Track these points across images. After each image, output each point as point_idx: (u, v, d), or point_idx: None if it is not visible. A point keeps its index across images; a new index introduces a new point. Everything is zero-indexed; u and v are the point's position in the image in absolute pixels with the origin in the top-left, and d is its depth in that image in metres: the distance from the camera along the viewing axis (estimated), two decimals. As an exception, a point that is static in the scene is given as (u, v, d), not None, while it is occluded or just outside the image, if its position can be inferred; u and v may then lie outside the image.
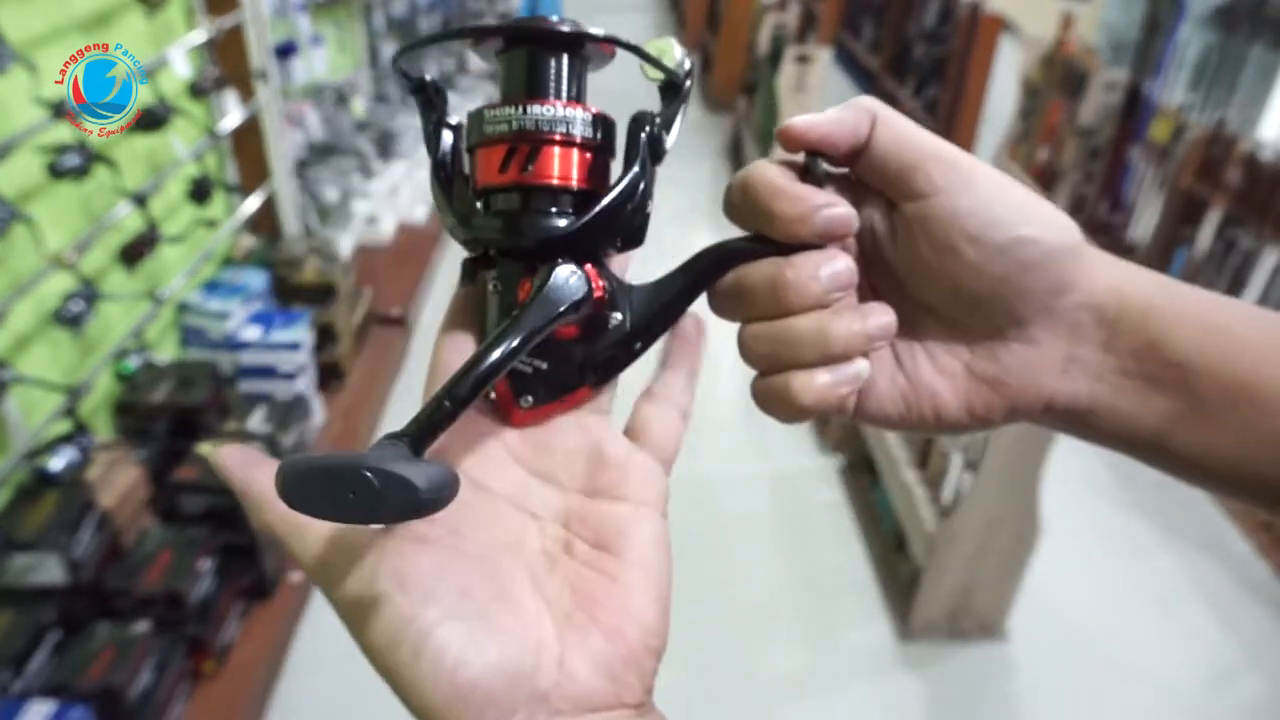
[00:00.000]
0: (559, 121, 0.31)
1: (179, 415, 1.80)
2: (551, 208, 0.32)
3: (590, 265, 0.32)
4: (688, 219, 3.72)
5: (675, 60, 0.33)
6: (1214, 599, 2.05)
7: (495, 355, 0.28)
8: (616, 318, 0.33)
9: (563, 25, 0.31)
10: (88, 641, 1.41)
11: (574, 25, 0.32)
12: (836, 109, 0.33)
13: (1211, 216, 2.56)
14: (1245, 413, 0.31)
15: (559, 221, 0.32)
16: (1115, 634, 1.97)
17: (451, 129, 0.34)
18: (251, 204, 2.35)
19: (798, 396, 0.32)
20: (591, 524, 0.31)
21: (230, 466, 0.30)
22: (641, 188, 0.32)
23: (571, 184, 0.32)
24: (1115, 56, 4.74)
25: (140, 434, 1.78)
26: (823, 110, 0.32)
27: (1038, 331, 0.33)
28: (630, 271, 0.36)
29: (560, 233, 0.31)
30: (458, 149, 0.34)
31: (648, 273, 0.36)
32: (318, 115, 2.95)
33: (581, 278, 0.31)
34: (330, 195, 2.97)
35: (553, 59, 0.32)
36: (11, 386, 1.45)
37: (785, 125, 0.32)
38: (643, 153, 0.32)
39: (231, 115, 2.23)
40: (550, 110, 0.31)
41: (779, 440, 2.48)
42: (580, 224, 0.31)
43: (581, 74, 0.33)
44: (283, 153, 2.50)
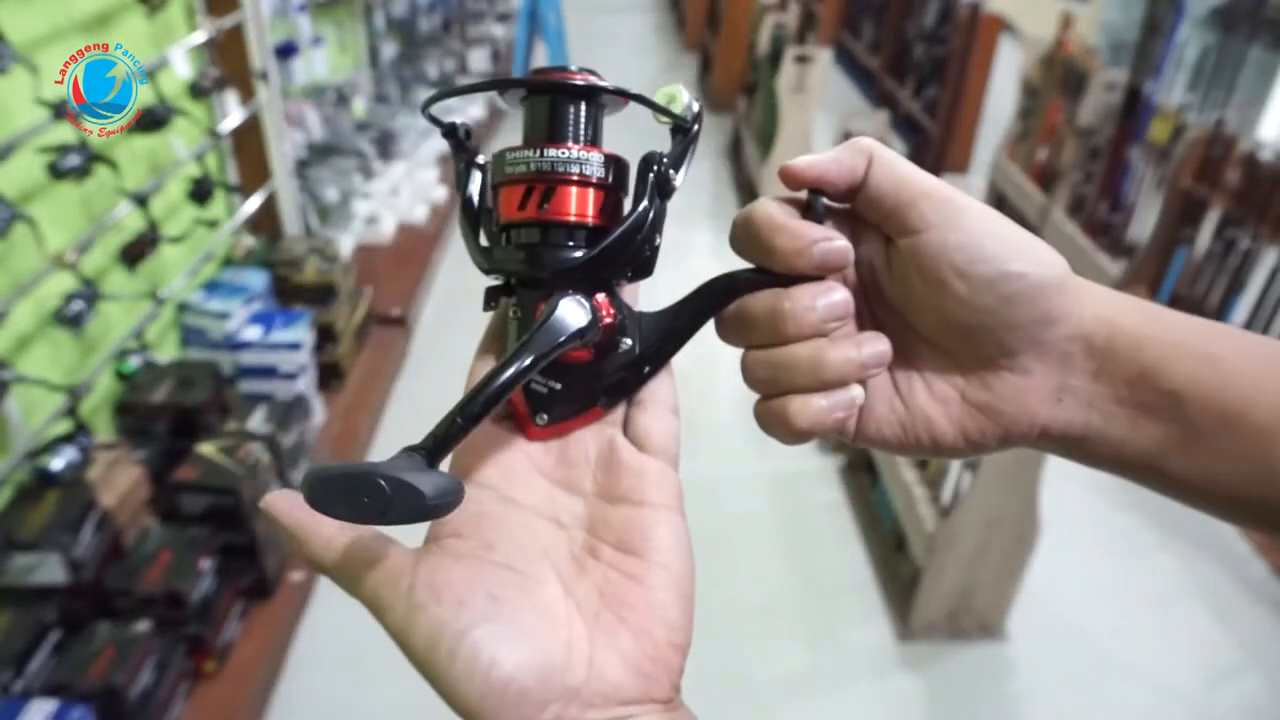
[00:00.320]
0: (573, 163, 0.34)
1: (179, 415, 1.80)
2: (568, 241, 0.34)
3: (603, 294, 0.35)
4: (687, 219, 3.72)
5: (682, 105, 0.36)
6: (1213, 598, 2.06)
7: (503, 377, 0.31)
8: (626, 343, 0.35)
9: (577, 78, 0.34)
10: (88, 641, 1.41)
11: (588, 78, 0.34)
12: (835, 149, 0.35)
13: (1211, 216, 2.56)
14: (1239, 439, 0.31)
15: (574, 254, 0.34)
16: (1115, 633, 1.97)
17: (480, 169, 0.37)
18: (252, 204, 2.35)
19: (794, 420, 0.34)
20: (615, 529, 0.34)
21: (279, 511, 0.32)
22: (649, 223, 0.35)
23: (586, 220, 0.34)
24: (1115, 57, 4.75)
25: (141, 434, 1.79)
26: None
27: (1029, 362, 0.34)
28: (642, 284, 0.38)
29: (573, 264, 0.34)
30: (485, 186, 0.37)
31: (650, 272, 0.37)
32: (318, 115, 2.95)
33: (586, 307, 0.33)
34: (330, 195, 2.97)
35: (570, 106, 0.35)
36: (12, 386, 1.45)
37: (786, 166, 0.34)
38: (650, 191, 0.35)
39: (232, 115, 2.23)
40: (565, 153, 0.34)
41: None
42: (591, 256, 0.34)
43: (596, 119, 0.36)
44: (283, 153, 2.51)
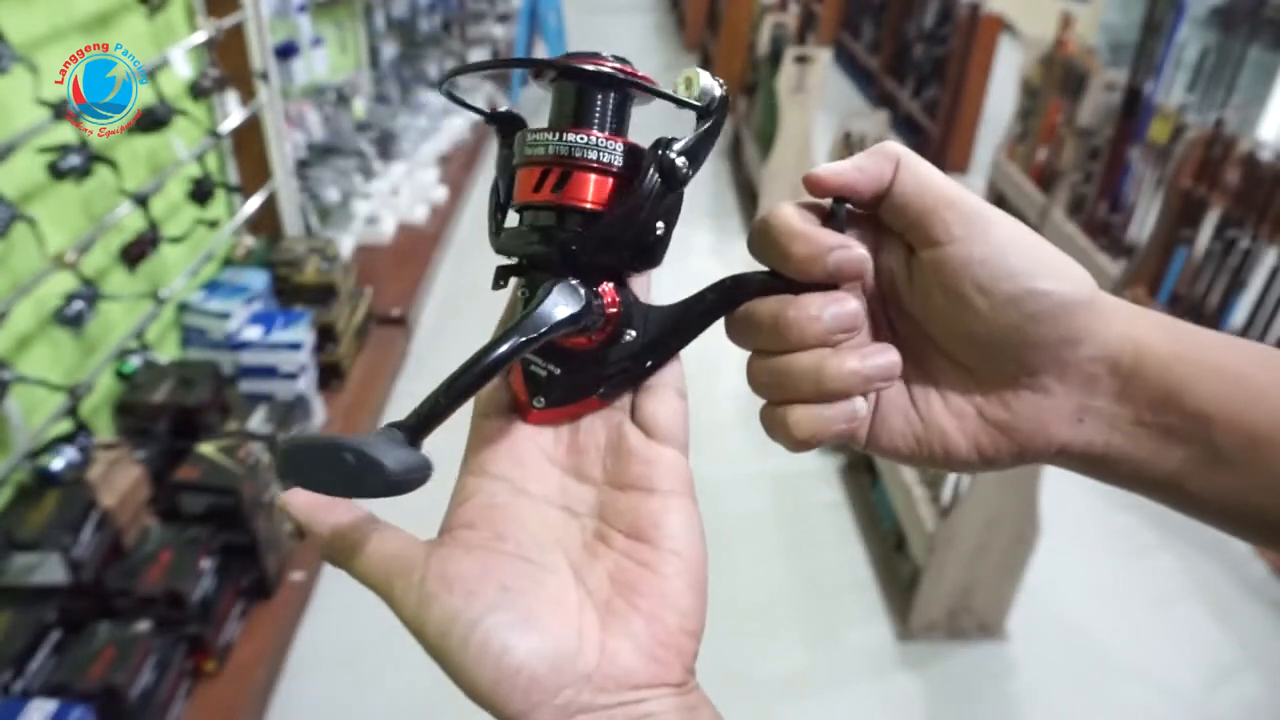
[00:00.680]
0: (590, 148, 0.33)
1: (180, 415, 1.80)
2: (580, 228, 0.34)
3: (611, 284, 0.34)
4: (686, 218, 3.56)
5: (697, 89, 0.34)
6: (1213, 598, 2.06)
7: (488, 359, 0.31)
8: (630, 334, 0.35)
9: (605, 65, 0.33)
10: (89, 641, 1.41)
11: (615, 66, 0.33)
12: (862, 155, 0.34)
13: (1210, 216, 2.56)
14: (1266, 460, 0.31)
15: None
16: (1114, 633, 1.97)
17: None
18: (252, 204, 2.35)
19: (795, 429, 0.34)
20: (626, 516, 0.34)
21: (295, 507, 0.33)
22: (646, 207, 0.33)
23: (601, 207, 0.34)
24: (1114, 57, 4.75)
25: (141, 434, 1.79)
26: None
27: (1050, 381, 0.33)
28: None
29: (567, 244, 0.33)
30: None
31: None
32: (318, 116, 2.95)
33: (580, 295, 0.32)
34: (331, 195, 2.98)
35: (595, 93, 0.34)
36: (13, 386, 1.45)
37: (810, 174, 0.34)
38: (647, 174, 0.33)
39: (232, 116, 2.23)
40: (584, 138, 0.33)
41: (779, 440, 2.48)
42: (580, 236, 0.33)
43: (623, 107, 0.35)
44: (283, 153, 2.51)
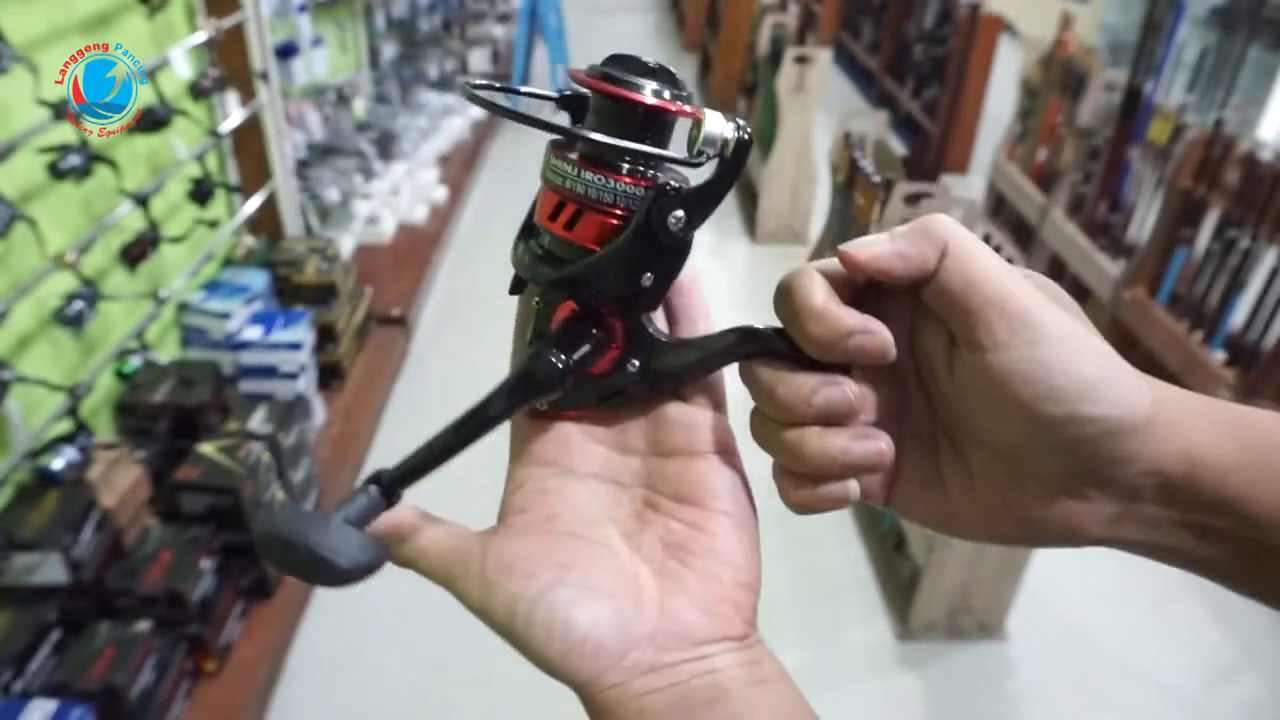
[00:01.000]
0: (607, 192, 0.32)
1: (180, 415, 1.80)
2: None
3: (618, 320, 0.34)
4: None
5: (703, 136, 0.32)
6: (1213, 599, 2.06)
7: (476, 421, 0.33)
8: (634, 364, 0.35)
9: (641, 98, 0.32)
10: (89, 641, 1.41)
11: (654, 100, 0.32)
12: (904, 234, 0.31)
13: (1210, 216, 2.56)
14: None
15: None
16: (1114, 633, 1.97)
17: None
18: (252, 204, 2.35)
19: (786, 497, 0.34)
20: (671, 481, 0.35)
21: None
22: (626, 261, 0.32)
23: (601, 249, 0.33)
24: (1114, 57, 4.75)
25: (141, 434, 1.79)
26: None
27: (1090, 491, 0.31)
28: None
29: (551, 283, 0.34)
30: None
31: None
32: (318, 116, 2.95)
33: (561, 366, 0.33)
34: (331, 195, 2.98)
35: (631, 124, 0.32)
36: (13, 386, 1.45)
37: (846, 252, 0.31)
38: (635, 228, 0.32)
39: (232, 116, 2.23)
40: (603, 180, 0.32)
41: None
42: (553, 279, 0.34)
43: (657, 143, 0.33)
44: (283, 153, 2.51)
